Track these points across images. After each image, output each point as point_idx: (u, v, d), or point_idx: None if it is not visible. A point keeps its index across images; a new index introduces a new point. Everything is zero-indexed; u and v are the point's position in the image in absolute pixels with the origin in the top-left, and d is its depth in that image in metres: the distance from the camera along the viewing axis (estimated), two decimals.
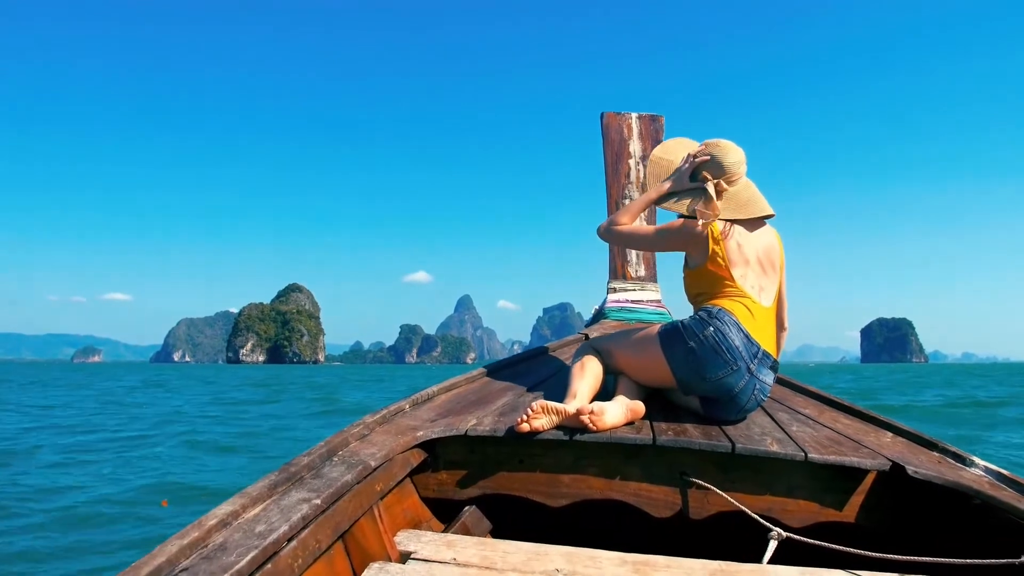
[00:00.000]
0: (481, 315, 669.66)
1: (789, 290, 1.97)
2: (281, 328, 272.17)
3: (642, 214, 2.03)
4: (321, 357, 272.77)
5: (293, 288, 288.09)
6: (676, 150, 2.05)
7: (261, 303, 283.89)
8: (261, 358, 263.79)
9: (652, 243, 2.08)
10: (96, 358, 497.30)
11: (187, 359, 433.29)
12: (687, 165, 1.95)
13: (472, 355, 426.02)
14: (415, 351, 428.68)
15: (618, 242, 2.14)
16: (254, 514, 1.12)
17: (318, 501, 1.19)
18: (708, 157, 1.90)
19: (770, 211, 1.88)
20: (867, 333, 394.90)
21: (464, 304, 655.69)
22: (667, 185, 1.97)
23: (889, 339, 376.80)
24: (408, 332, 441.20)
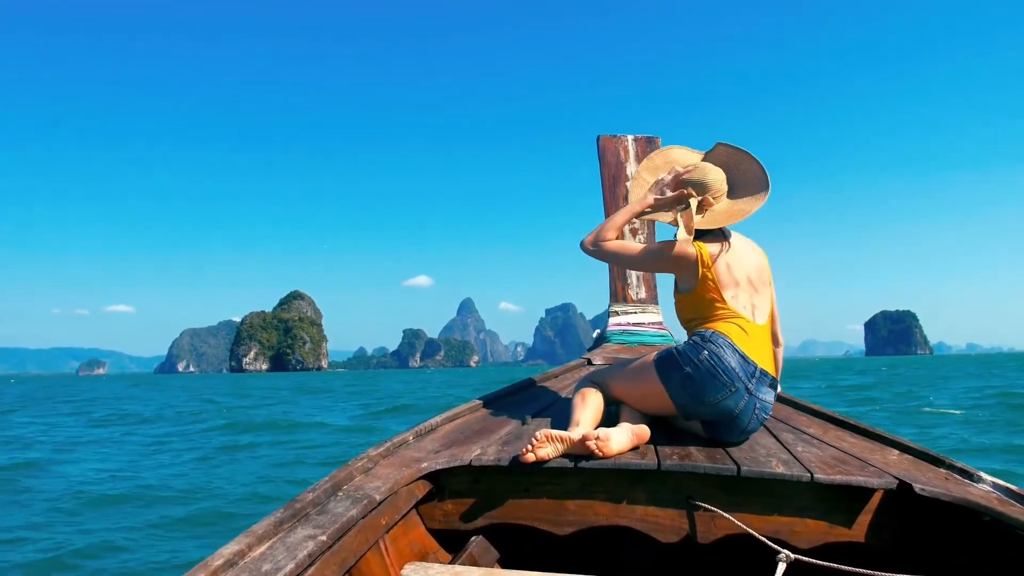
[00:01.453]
0: (483, 318, 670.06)
1: (785, 294, 2.18)
2: (283, 336, 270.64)
3: (641, 234, 1.81)
4: (324, 364, 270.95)
5: (294, 296, 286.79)
6: (661, 170, 2.06)
7: (263, 311, 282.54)
8: (264, 366, 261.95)
9: (639, 262, 2.07)
10: (101, 370, 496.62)
11: (191, 369, 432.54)
12: (671, 176, 1.97)
13: (475, 358, 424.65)
14: (418, 355, 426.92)
15: (604, 258, 2.11)
16: (260, 552, 1.12)
17: (324, 537, 1.19)
18: (692, 168, 1.94)
19: (750, 210, 1.88)
20: (871, 326, 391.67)
21: (466, 307, 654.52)
22: (650, 199, 1.98)
23: (893, 332, 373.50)
24: (411, 337, 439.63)
